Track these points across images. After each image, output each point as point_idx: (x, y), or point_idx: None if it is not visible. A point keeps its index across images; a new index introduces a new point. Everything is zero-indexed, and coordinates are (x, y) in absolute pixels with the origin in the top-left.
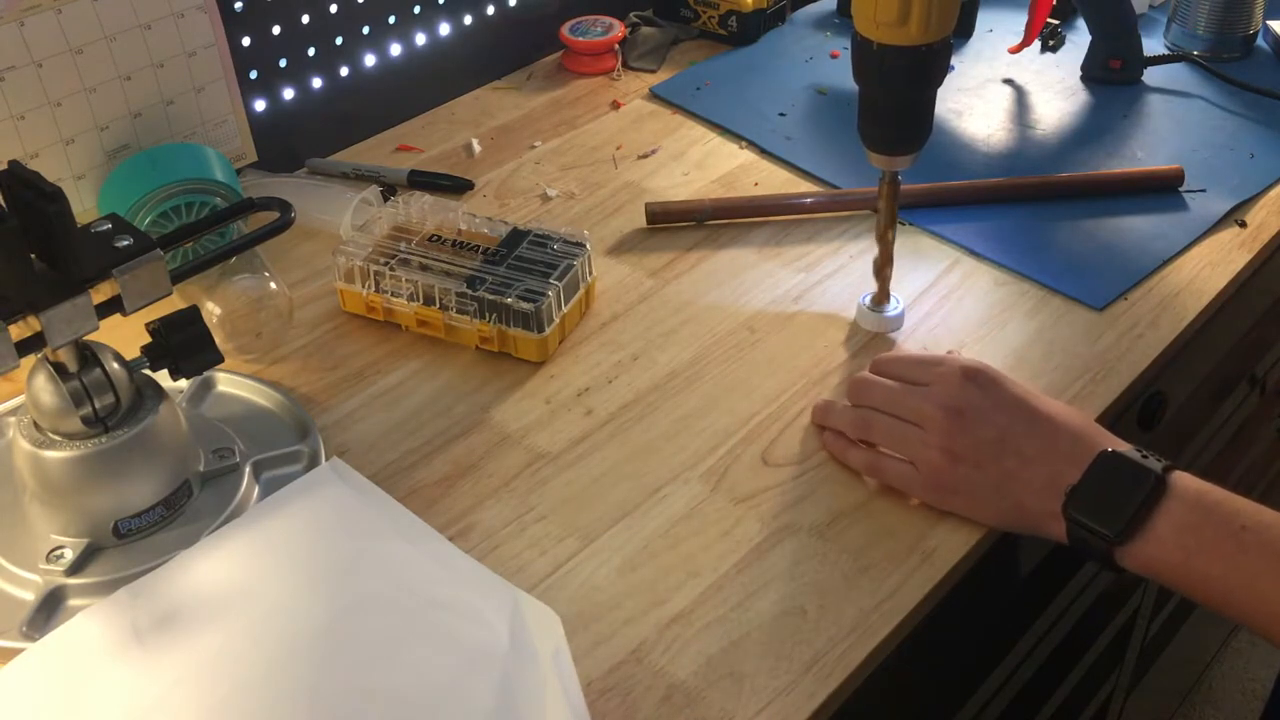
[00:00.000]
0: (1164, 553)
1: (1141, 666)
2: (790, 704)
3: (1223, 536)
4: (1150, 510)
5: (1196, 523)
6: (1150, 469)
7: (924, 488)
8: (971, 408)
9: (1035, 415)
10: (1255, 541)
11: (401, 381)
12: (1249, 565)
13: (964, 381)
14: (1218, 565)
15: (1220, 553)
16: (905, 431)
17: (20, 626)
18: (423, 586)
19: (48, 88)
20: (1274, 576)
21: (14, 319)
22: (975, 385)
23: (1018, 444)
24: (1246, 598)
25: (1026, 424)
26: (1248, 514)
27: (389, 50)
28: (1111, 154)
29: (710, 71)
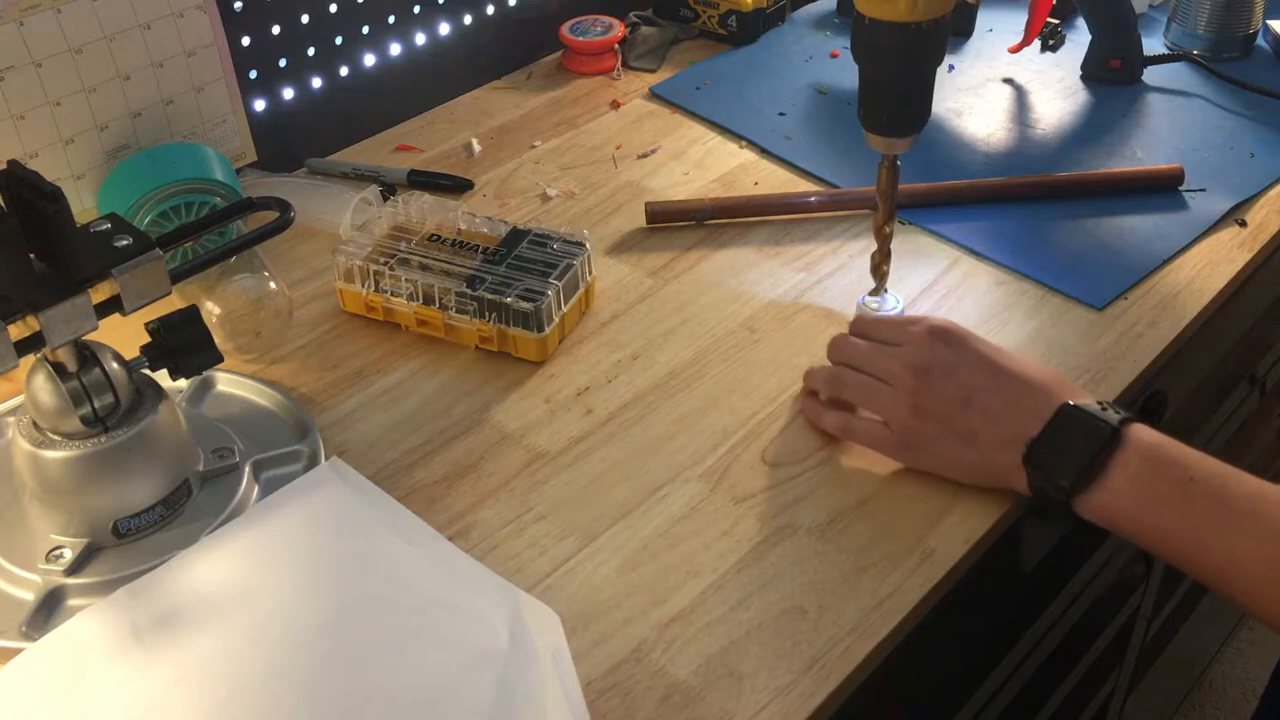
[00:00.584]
0: (1118, 502)
1: (1141, 666)
2: (790, 704)
3: (1172, 487)
4: (1106, 461)
5: (1149, 473)
6: (1107, 421)
7: (894, 446)
8: (939, 365)
9: (1001, 372)
10: (1202, 491)
11: (401, 381)
12: (1195, 514)
13: (932, 340)
14: (1167, 515)
15: (1169, 502)
16: (876, 389)
17: (20, 626)
18: (422, 586)
19: (47, 87)
20: (1218, 526)
21: (13, 319)
22: (943, 343)
23: (983, 400)
24: (1193, 547)
25: (992, 380)
26: (1197, 465)
27: (389, 50)
28: (1111, 154)
29: (710, 71)
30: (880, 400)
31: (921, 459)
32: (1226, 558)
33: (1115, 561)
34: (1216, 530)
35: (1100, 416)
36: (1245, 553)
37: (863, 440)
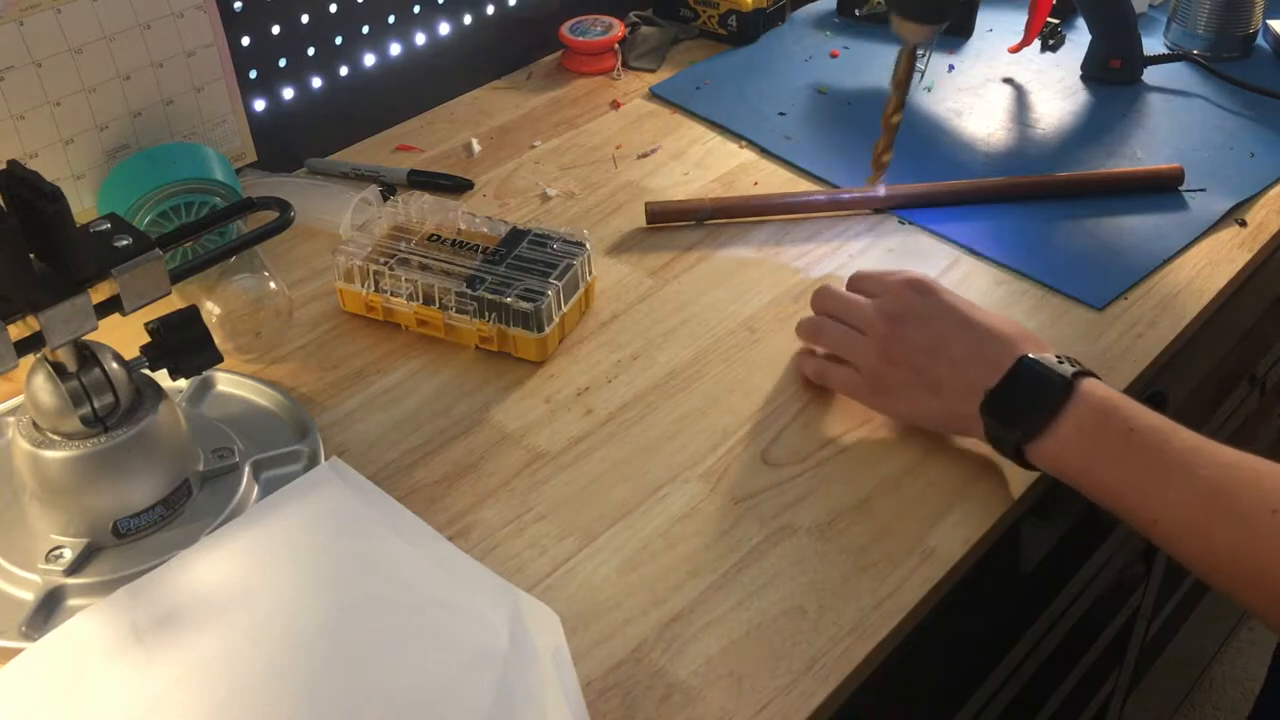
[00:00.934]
0: (1065, 452)
1: (1141, 666)
2: (790, 704)
3: (1115, 438)
4: (1055, 412)
5: (1095, 425)
6: (1060, 374)
7: (865, 390)
8: (910, 315)
9: (968, 322)
10: (1141, 443)
11: (401, 381)
12: (1135, 465)
13: (905, 290)
14: (1109, 465)
15: (1111, 453)
16: (850, 337)
17: (20, 626)
18: (422, 586)
19: (47, 87)
20: (1153, 476)
21: (13, 319)
22: (915, 294)
23: (950, 349)
24: (1133, 498)
25: (959, 330)
26: (1139, 418)
27: (389, 50)
28: (1111, 154)
29: (710, 71)
30: (853, 347)
31: (890, 405)
32: (1159, 506)
33: (1115, 561)
34: (1151, 481)
35: (1055, 369)
36: (1174, 503)
37: (836, 385)
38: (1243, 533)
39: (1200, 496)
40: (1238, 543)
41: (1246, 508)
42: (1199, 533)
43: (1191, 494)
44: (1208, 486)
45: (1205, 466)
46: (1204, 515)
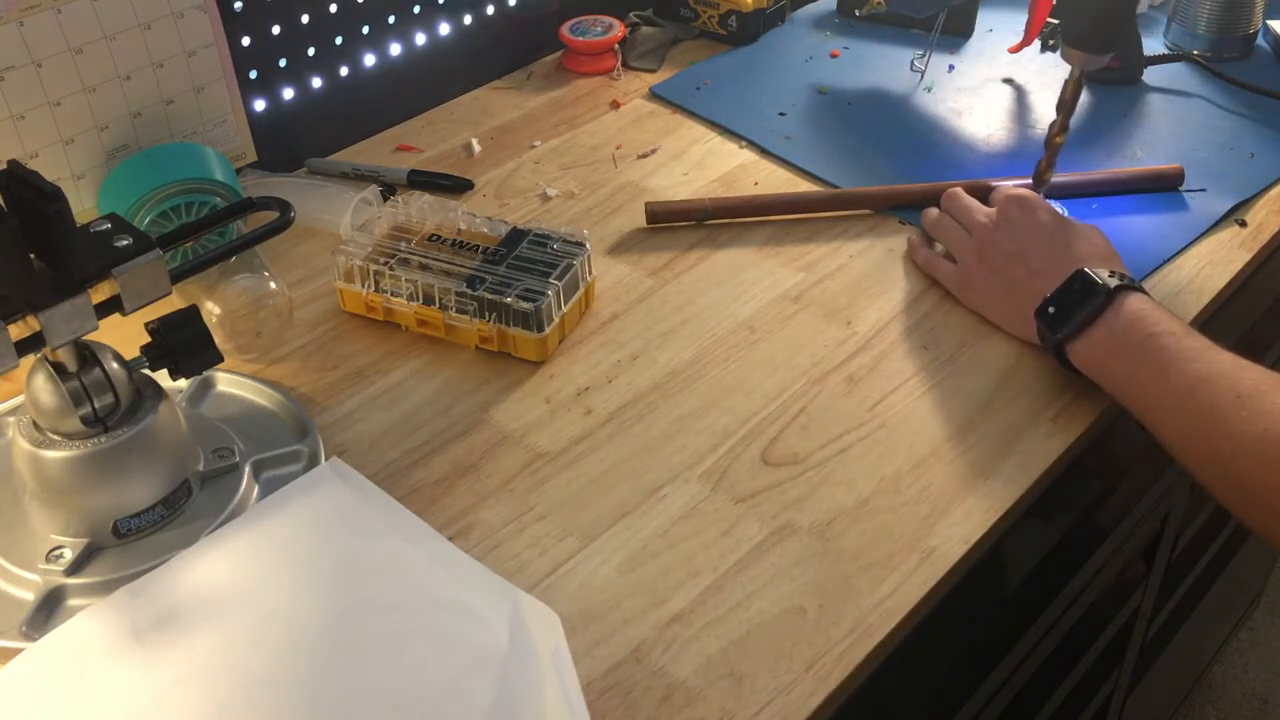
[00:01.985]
0: (1095, 353)
1: (1141, 666)
2: (790, 704)
3: (1135, 340)
4: (1093, 318)
5: (1121, 329)
6: (1105, 285)
7: (956, 284)
8: (1007, 224)
9: (1051, 238)
10: (1155, 345)
11: (401, 381)
12: (1144, 362)
13: (1009, 203)
14: (1124, 362)
15: (1129, 352)
16: (957, 233)
17: (20, 626)
18: (422, 586)
19: (47, 87)
20: (1156, 371)
21: (13, 319)
22: (1016, 207)
23: (1029, 258)
24: (1135, 390)
25: (1041, 243)
26: (1161, 324)
27: (389, 50)
28: (1111, 154)
29: (710, 71)
30: (956, 242)
31: (973, 300)
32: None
33: (1115, 561)
34: (1151, 374)
35: (1102, 281)
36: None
37: (935, 270)
38: (1211, 417)
39: (1185, 385)
40: (1205, 430)
41: (1217, 394)
42: (1177, 418)
43: (1179, 383)
44: (1194, 377)
45: (1198, 361)
46: (1184, 402)
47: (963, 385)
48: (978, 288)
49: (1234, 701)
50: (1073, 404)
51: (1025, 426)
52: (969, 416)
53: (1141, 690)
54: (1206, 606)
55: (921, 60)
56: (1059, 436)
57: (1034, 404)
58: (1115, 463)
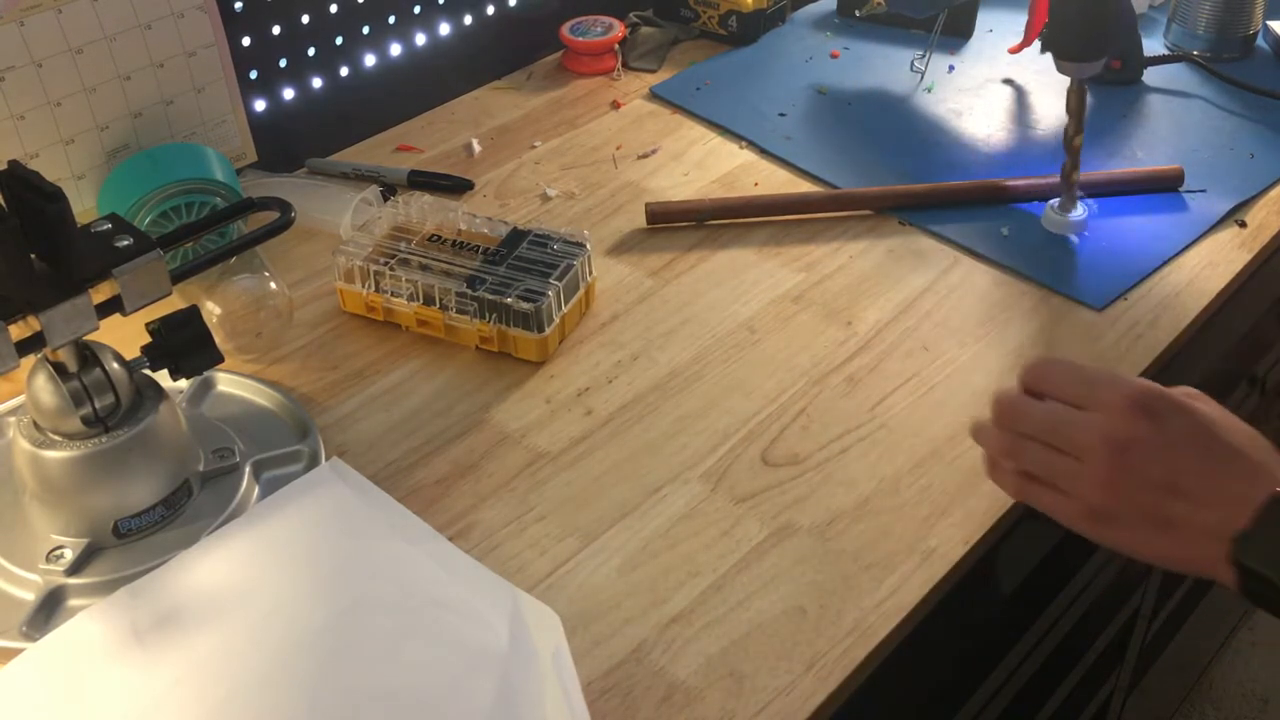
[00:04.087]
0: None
1: (1141, 666)
2: (790, 704)
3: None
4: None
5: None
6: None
7: (1080, 520)
8: (1140, 443)
9: (1210, 451)
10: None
11: (401, 381)
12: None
13: (1133, 410)
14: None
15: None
16: (1061, 465)
17: (20, 626)
18: (423, 586)
19: (48, 88)
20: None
21: (14, 319)
22: (1147, 416)
23: (1189, 486)
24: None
25: (1201, 463)
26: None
27: (389, 50)
28: (1111, 154)
29: (710, 71)
30: (1069, 478)
31: (1109, 536)
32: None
33: (1115, 561)
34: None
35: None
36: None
37: (1045, 509)
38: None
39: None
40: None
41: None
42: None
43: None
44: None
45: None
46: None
47: (963, 385)
48: (1116, 524)
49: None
50: None
51: None
52: (969, 416)
53: (1141, 690)
54: (1207, 606)
55: (921, 60)
56: None
57: None
58: None
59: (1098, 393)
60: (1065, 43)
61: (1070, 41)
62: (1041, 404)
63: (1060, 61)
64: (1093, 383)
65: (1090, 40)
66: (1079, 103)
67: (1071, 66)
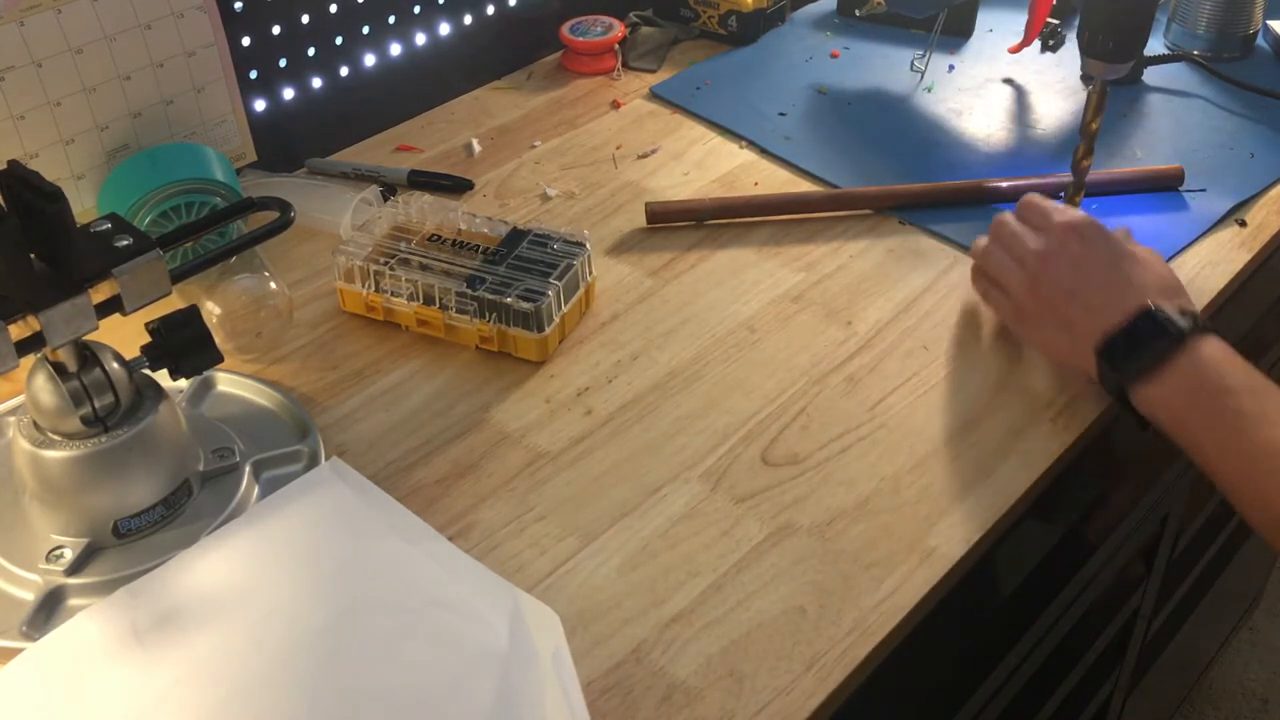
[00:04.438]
0: (1165, 400)
1: (1141, 666)
2: (790, 704)
3: (1210, 394)
4: (1161, 363)
5: (1196, 378)
6: (1177, 327)
7: (1010, 316)
8: (1061, 256)
9: (1113, 270)
10: (1232, 403)
11: (401, 381)
12: (1217, 421)
13: (1065, 233)
14: (1199, 418)
15: (1203, 407)
16: (1007, 267)
17: (20, 626)
18: (422, 586)
19: (48, 88)
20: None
21: (14, 319)
22: (1076, 238)
23: (1088, 293)
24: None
25: (1102, 275)
26: (1236, 376)
27: (389, 50)
28: (1111, 154)
29: (710, 71)
30: (1008, 278)
31: (1030, 335)
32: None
33: (1115, 561)
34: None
35: (1172, 321)
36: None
37: (991, 305)
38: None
39: (1263, 450)
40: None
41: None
42: (1250, 483)
43: (1260, 450)
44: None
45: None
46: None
47: (963, 385)
48: (1032, 322)
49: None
50: (1073, 404)
51: (1025, 426)
52: (969, 416)
53: (1141, 690)
54: (1206, 606)
55: (921, 60)
56: (1059, 436)
57: (1034, 404)
58: (1115, 463)
59: (1050, 218)
60: (1099, 45)
61: (1104, 43)
62: (1016, 225)
63: (1090, 61)
64: (1050, 212)
65: (1124, 43)
66: (1100, 100)
67: (1101, 67)
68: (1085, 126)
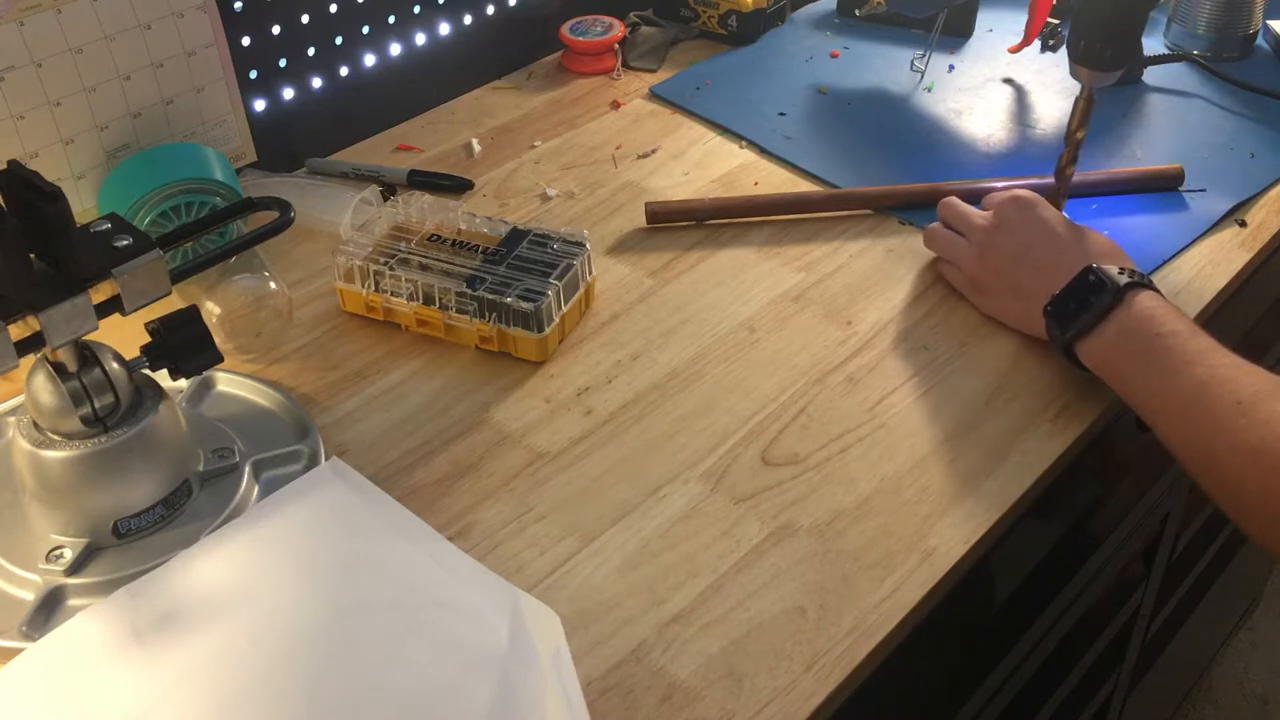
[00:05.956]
0: (1104, 351)
1: (1141, 666)
2: (790, 704)
3: (1143, 340)
4: (1102, 316)
5: (1131, 329)
6: (1115, 283)
7: (967, 288)
8: (1005, 225)
9: (1053, 235)
10: (1162, 345)
11: (401, 381)
12: (1151, 364)
13: (1006, 203)
14: (1132, 364)
15: (1136, 353)
16: (955, 242)
17: (20, 626)
18: (422, 586)
19: (48, 88)
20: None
21: (14, 319)
22: (1014, 207)
23: (1033, 257)
24: (1142, 393)
25: (1044, 241)
26: (1169, 323)
27: (389, 50)
28: (1111, 154)
29: (710, 71)
30: (956, 251)
31: (984, 302)
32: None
33: (1115, 561)
34: (1157, 377)
35: (1111, 278)
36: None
37: (949, 278)
38: (1211, 424)
39: (1188, 389)
40: (1206, 437)
41: (1218, 400)
42: (1180, 423)
43: (1183, 388)
44: (1197, 382)
45: (1201, 365)
46: (1186, 407)
47: (963, 385)
48: (986, 291)
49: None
50: (1073, 404)
51: (1025, 426)
52: (969, 416)
53: (1141, 690)
54: (1206, 606)
55: (921, 60)
56: (1059, 436)
57: (1034, 404)
58: (1115, 463)
59: (993, 197)
60: (1087, 53)
61: (1093, 52)
62: (962, 205)
63: (1078, 67)
64: (993, 194)
65: (1113, 53)
66: (1087, 108)
67: (1090, 75)
68: (1070, 135)
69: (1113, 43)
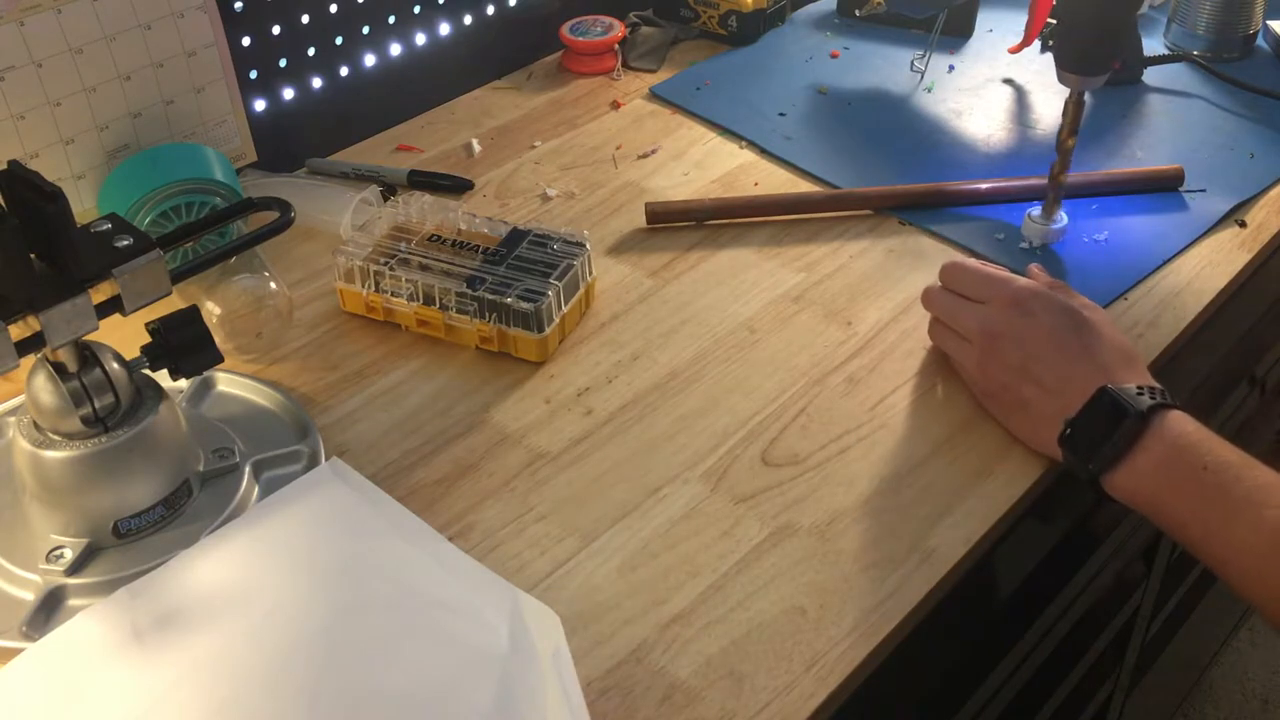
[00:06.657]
0: (1140, 484)
1: (1141, 666)
2: (790, 704)
3: (1187, 474)
4: (1129, 446)
5: (1169, 459)
6: (1136, 407)
7: (973, 390)
8: (1007, 333)
9: (1062, 347)
10: (1213, 481)
11: (401, 381)
12: (1205, 503)
13: (1009, 306)
14: (1180, 501)
15: (1183, 490)
16: (956, 345)
17: (20, 626)
18: (422, 586)
19: (48, 88)
20: (1223, 516)
21: (14, 319)
22: (1018, 311)
23: (1039, 373)
24: (1202, 536)
25: (1052, 354)
26: (1214, 453)
27: (389, 50)
28: (1111, 154)
29: (710, 71)
30: (957, 354)
31: (992, 409)
32: (1225, 546)
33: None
34: (1219, 519)
35: (1132, 401)
36: (1241, 543)
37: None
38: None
39: (1265, 536)
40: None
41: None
42: (1265, 573)
43: (1256, 534)
44: (1273, 526)
45: (1273, 506)
46: (1268, 555)
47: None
48: (991, 402)
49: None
50: None
51: None
52: (969, 416)
53: (1141, 690)
54: (1206, 606)
55: (921, 60)
56: None
57: None
58: None
59: (991, 288)
60: (1070, 55)
61: (1075, 55)
62: (945, 294)
63: (1063, 73)
64: (989, 280)
65: (1096, 55)
66: (1076, 111)
67: (1075, 79)
68: (1061, 143)
69: (1097, 45)
